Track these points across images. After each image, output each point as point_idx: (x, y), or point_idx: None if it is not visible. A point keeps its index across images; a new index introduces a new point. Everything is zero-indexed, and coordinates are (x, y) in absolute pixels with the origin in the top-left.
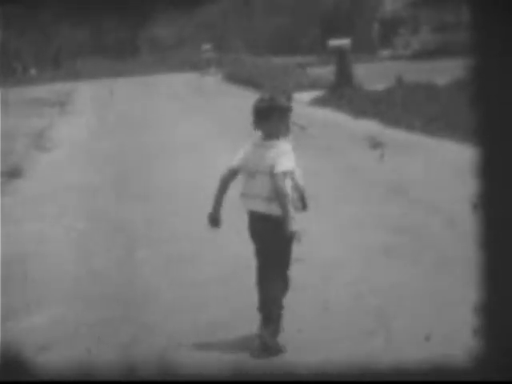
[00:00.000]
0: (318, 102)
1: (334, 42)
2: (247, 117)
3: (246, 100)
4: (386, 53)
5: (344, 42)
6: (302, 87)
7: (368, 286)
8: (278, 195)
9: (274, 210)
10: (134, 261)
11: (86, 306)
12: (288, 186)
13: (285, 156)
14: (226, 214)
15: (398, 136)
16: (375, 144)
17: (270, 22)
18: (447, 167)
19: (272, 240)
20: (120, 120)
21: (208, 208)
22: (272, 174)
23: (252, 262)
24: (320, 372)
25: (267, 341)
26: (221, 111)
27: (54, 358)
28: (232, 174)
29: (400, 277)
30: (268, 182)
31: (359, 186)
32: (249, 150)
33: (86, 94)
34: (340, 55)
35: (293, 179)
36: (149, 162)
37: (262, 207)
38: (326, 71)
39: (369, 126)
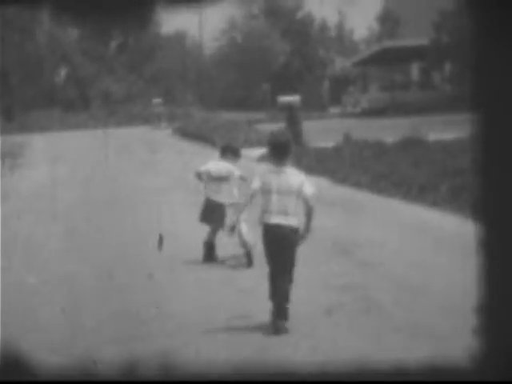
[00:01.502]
0: (266, 159)
1: (284, 99)
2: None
3: (193, 156)
4: (335, 110)
5: (294, 98)
6: (250, 143)
7: (310, 346)
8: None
9: (293, 222)
10: (79, 313)
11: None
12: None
13: (308, 181)
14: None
15: (345, 193)
16: None
17: (221, 77)
18: (394, 226)
19: (289, 245)
20: (71, 173)
21: (148, 259)
22: (298, 195)
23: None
24: (320, 372)
25: (279, 324)
26: (169, 168)
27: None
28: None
29: (343, 338)
30: (293, 200)
31: (305, 245)
32: (267, 175)
33: (39, 146)
34: (290, 112)
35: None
36: (98, 216)
37: (286, 220)
38: (276, 128)
39: (317, 183)
